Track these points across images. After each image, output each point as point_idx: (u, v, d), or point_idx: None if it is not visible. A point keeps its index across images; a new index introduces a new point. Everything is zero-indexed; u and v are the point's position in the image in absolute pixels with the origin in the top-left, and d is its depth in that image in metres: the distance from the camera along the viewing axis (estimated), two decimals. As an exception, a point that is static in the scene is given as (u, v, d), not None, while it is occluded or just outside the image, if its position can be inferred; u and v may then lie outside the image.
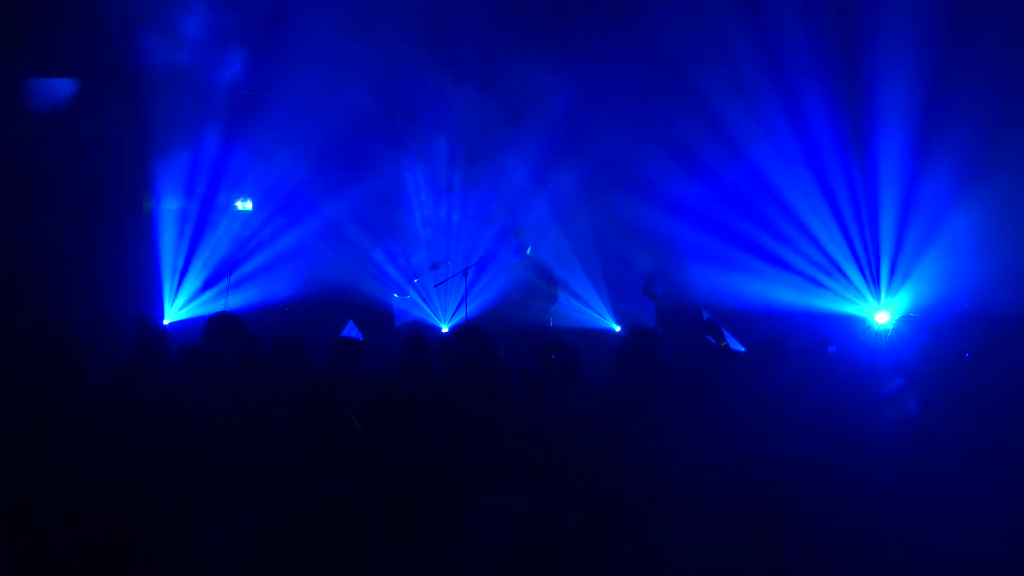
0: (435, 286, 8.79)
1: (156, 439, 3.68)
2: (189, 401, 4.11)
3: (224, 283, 8.43)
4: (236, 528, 3.03)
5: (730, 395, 4.19)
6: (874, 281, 8.52)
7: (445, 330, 8.81)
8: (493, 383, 4.43)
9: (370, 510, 3.12)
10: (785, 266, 8.70)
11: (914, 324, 7.47)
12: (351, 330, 7.91)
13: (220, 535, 3.01)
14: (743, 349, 6.13)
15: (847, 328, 8.14)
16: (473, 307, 8.55)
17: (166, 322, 8.19)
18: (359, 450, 3.62)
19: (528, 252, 8.04)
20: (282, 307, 8.57)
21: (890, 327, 8.06)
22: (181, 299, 8.48)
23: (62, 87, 8.03)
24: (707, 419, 3.95)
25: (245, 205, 9.13)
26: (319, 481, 3.36)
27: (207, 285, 8.62)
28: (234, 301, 8.32)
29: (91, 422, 3.98)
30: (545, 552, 2.96)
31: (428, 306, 9.07)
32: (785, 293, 8.52)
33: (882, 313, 8.37)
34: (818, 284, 8.65)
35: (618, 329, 9.41)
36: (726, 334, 6.48)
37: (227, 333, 4.81)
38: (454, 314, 8.81)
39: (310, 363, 4.87)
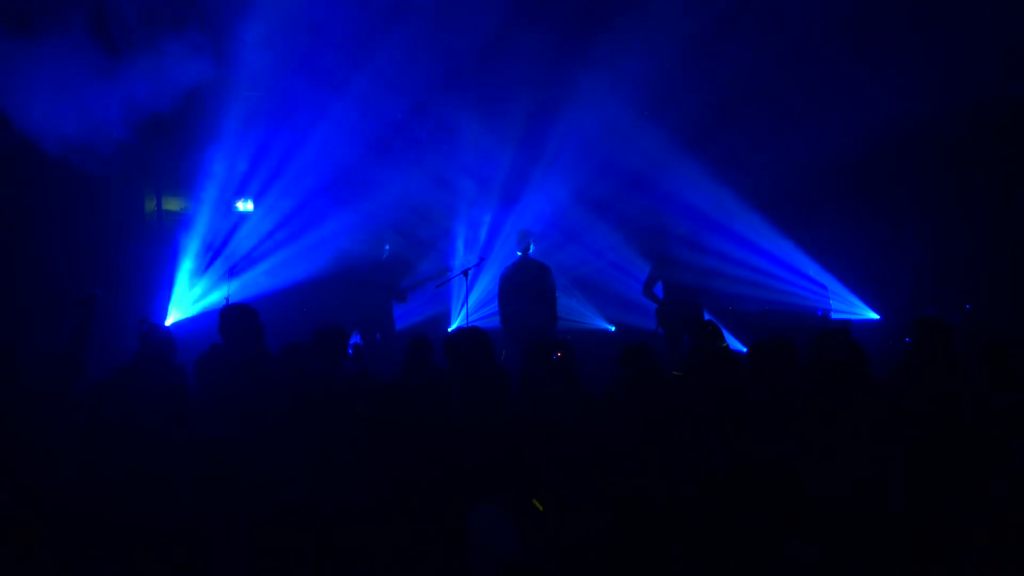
0: (435, 287, 8.77)
1: (159, 441, 3.70)
2: (196, 403, 4.13)
3: (225, 281, 8.40)
4: (238, 530, 3.04)
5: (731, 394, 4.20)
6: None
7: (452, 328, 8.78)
8: (493, 384, 4.44)
9: (371, 512, 3.12)
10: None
11: None
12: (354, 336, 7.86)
13: (223, 538, 3.02)
14: (744, 349, 6.13)
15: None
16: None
17: (168, 322, 8.18)
18: (359, 452, 3.63)
19: (529, 250, 8.04)
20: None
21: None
22: (183, 298, 8.47)
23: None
24: (707, 419, 3.96)
25: (246, 206, 9.12)
26: (320, 483, 3.37)
27: (209, 284, 8.62)
28: (237, 297, 8.25)
29: (90, 422, 4.00)
30: (547, 552, 2.97)
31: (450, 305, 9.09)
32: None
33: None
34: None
35: (613, 329, 9.44)
36: (726, 334, 6.49)
37: (244, 324, 4.84)
38: (460, 314, 8.80)
39: (316, 368, 4.84)
